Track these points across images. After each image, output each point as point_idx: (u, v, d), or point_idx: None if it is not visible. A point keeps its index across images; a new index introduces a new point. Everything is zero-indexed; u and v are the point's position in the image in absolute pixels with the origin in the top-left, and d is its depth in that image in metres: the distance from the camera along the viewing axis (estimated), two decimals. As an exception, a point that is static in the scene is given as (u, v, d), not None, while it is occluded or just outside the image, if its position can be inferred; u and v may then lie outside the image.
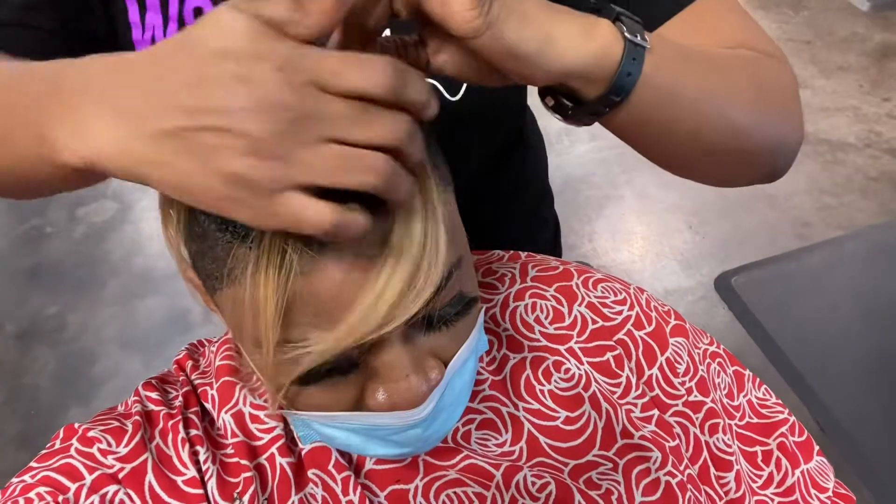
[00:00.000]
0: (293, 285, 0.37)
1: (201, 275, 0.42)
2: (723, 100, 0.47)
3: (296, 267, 0.36)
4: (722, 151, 0.49)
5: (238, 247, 0.37)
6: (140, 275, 1.95)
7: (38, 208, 2.13)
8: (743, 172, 0.53)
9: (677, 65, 0.45)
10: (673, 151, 0.50)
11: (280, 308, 0.37)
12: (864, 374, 0.94)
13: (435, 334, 0.42)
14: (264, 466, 0.49)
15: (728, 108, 0.47)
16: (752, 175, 0.54)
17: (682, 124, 0.46)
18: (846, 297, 1.01)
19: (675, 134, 0.47)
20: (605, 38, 0.40)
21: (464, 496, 0.49)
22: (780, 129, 0.51)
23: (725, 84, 0.47)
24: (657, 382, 0.55)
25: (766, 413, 0.59)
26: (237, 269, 0.38)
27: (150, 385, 0.52)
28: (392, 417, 0.42)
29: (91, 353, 1.77)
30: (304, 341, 0.38)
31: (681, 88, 0.44)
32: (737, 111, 0.47)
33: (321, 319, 0.38)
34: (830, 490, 0.58)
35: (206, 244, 0.39)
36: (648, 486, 0.50)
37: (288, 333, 0.38)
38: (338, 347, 0.38)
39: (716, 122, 0.47)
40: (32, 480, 0.44)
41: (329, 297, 0.37)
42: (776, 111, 0.50)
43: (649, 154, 0.50)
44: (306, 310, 0.37)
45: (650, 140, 0.48)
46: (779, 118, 0.50)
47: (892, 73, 2.40)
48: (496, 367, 0.54)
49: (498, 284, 0.58)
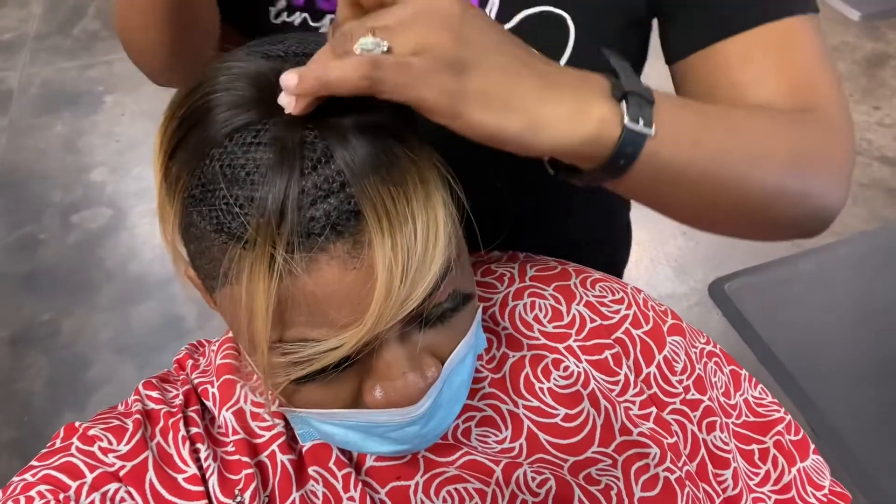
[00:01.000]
0: (286, 285, 0.37)
1: (200, 274, 0.43)
2: (746, 168, 0.44)
3: (288, 267, 0.36)
4: (744, 216, 0.48)
5: (233, 247, 0.37)
6: (134, 281, 1.94)
7: (32, 215, 2.12)
8: (769, 233, 0.52)
9: (690, 139, 0.42)
10: (686, 216, 0.48)
11: (272, 307, 0.37)
12: (858, 379, 0.95)
13: (431, 331, 0.42)
14: (265, 464, 0.49)
15: (751, 176, 0.45)
16: (780, 236, 0.52)
17: (695, 194, 0.45)
18: (839, 303, 1.01)
19: (686, 202, 0.46)
20: (600, 121, 0.38)
21: (464, 492, 0.49)
22: (813, 195, 0.48)
23: (752, 151, 0.45)
24: (655, 380, 0.55)
25: (762, 412, 0.59)
26: (232, 269, 0.38)
27: (150, 384, 0.52)
28: (389, 414, 0.42)
29: (85, 359, 1.76)
30: (301, 342, 0.38)
31: (692, 163, 0.42)
32: (762, 178, 0.45)
33: (316, 319, 0.38)
34: (826, 488, 0.58)
35: (202, 245, 0.40)
36: (647, 482, 0.51)
37: (283, 333, 0.39)
38: (339, 353, 0.38)
39: (735, 190, 0.45)
40: (33, 479, 0.44)
41: (323, 296, 0.37)
42: (811, 177, 0.48)
43: (664, 213, 0.48)
44: (301, 309, 0.38)
45: (658, 205, 0.47)
46: (814, 184, 0.48)
47: (882, 81, 2.43)
48: (496, 366, 0.54)
49: (497, 284, 0.59)
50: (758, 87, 0.51)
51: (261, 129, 0.38)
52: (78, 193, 2.19)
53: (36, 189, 2.20)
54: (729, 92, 0.51)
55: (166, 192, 0.42)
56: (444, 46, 0.35)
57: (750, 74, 0.51)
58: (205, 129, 0.39)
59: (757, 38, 0.51)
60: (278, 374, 0.40)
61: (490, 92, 0.36)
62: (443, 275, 0.39)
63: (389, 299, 0.37)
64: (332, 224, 0.36)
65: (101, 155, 2.32)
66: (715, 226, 0.50)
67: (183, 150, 0.40)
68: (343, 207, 0.36)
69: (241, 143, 0.37)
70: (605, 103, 0.39)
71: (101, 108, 2.50)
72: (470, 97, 0.35)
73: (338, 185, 0.37)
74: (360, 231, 0.37)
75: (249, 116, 0.38)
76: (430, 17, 0.35)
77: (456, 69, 0.35)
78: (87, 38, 2.82)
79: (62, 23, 2.91)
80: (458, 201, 0.42)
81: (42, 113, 2.48)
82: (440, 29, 0.35)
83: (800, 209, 0.48)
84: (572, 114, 0.38)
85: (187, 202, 0.40)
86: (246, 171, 0.37)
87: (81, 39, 2.82)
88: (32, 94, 2.56)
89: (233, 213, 0.37)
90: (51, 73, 2.66)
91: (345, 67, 0.34)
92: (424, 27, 0.35)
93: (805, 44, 0.51)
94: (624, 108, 0.39)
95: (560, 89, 0.38)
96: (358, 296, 0.37)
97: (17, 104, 2.52)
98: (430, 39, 0.34)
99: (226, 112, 0.38)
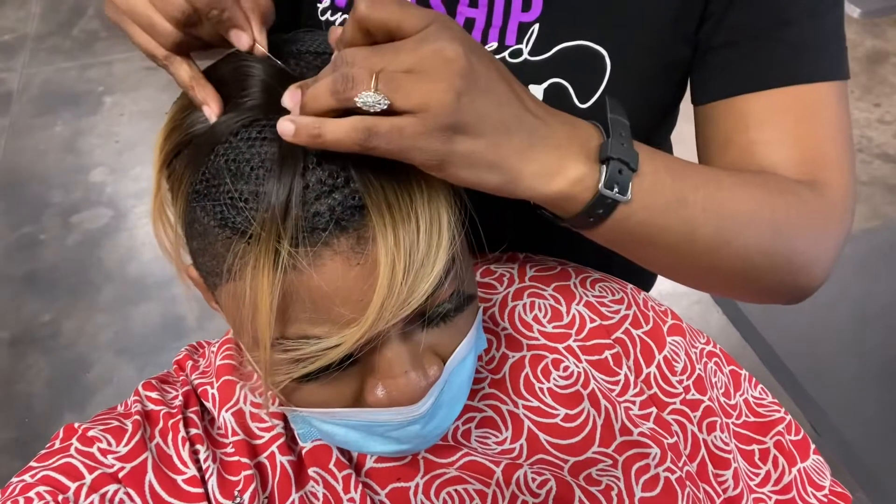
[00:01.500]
0: (290, 280, 0.37)
1: (202, 271, 0.43)
2: (723, 237, 0.46)
3: (293, 262, 0.36)
4: (718, 281, 0.49)
5: (237, 243, 0.38)
6: (134, 281, 1.94)
7: (31, 215, 2.13)
8: (745, 297, 0.53)
9: (666, 207, 0.44)
10: (662, 271, 0.50)
11: (276, 302, 0.37)
12: (859, 377, 0.95)
13: (433, 330, 0.42)
14: (265, 465, 0.49)
15: (729, 245, 0.46)
16: (757, 300, 0.53)
17: (670, 255, 0.46)
18: (840, 301, 1.01)
19: (662, 261, 0.48)
20: (575, 182, 0.40)
21: (464, 494, 0.49)
22: (794, 268, 0.49)
23: (733, 221, 0.46)
24: (655, 380, 0.55)
25: (762, 412, 0.59)
26: (236, 264, 0.38)
27: (149, 385, 0.52)
28: (391, 413, 0.42)
29: (85, 359, 1.76)
30: (303, 339, 0.38)
31: (667, 228, 0.44)
32: (739, 248, 0.46)
33: (319, 316, 0.38)
34: (827, 488, 0.58)
35: (206, 241, 0.40)
36: (648, 482, 0.51)
37: (285, 330, 0.39)
38: (341, 350, 0.38)
39: (710, 257, 0.46)
40: (32, 480, 0.44)
41: (326, 292, 0.37)
42: (794, 251, 0.48)
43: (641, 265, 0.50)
44: (304, 305, 0.38)
45: (634, 258, 0.48)
46: (796, 259, 0.49)
47: (882, 78, 2.43)
48: (495, 366, 0.54)
49: (496, 284, 0.59)
50: (769, 150, 0.51)
51: (266, 125, 0.38)
52: (77, 194, 2.19)
53: (36, 190, 2.21)
54: (742, 148, 0.52)
55: (169, 189, 0.42)
56: (444, 108, 0.35)
57: (766, 135, 0.51)
58: (210, 127, 0.39)
59: (782, 98, 0.51)
60: (280, 372, 0.40)
61: (475, 156, 0.37)
62: (445, 274, 0.39)
63: (391, 296, 0.37)
64: (337, 219, 0.36)
65: (100, 155, 2.32)
66: (689, 283, 0.52)
67: (188, 147, 0.40)
68: (347, 202, 0.37)
69: (246, 138, 0.38)
70: (584, 165, 0.41)
71: (100, 109, 2.50)
72: (455, 160, 0.37)
73: (342, 180, 0.37)
74: (364, 226, 0.37)
75: (255, 114, 0.38)
76: (436, 72, 0.35)
77: (448, 132, 0.36)
78: (86, 39, 2.82)
79: (61, 23, 2.91)
80: (462, 203, 0.42)
81: (42, 113, 2.48)
82: (443, 85, 0.35)
83: (778, 280, 0.49)
84: (549, 172, 0.40)
85: (191, 198, 0.40)
86: (251, 166, 0.37)
87: (81, 39, 2.82)
88: (32, 95, 2.56)
89: (237, 207, 0.37)
90: (50, 73, 2.66)
91: (339, 132, 0.35)
92: (428, 84, 0.35)
93: (827, 115, 0.51)
94: (603, 173, 0.41)
95: (543, 146, 0.40)
96: (361, 291, 0.37)
97: (16, 105, 2.52)
98: (432, 99, 0.35)
99: (232, 111, 0.39)
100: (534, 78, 0.55)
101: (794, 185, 0.49)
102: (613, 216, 0.42)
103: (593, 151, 0.41)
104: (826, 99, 0.51)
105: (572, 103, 0.55)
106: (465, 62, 0.35)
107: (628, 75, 0.55)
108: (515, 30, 0.55)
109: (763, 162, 0.51)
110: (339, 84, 0.35)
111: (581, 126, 0.42)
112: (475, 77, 0.36)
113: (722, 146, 0.54)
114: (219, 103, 0.40)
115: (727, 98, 0.53)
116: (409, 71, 0.35)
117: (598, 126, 0.43)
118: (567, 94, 0.55)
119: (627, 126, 0.43)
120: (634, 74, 0.55)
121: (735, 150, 0.52)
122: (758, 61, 0.52)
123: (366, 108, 0.35)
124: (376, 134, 0.34)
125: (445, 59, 0.35)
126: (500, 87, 0.38)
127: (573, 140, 0.41)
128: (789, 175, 0.50)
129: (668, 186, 0.44)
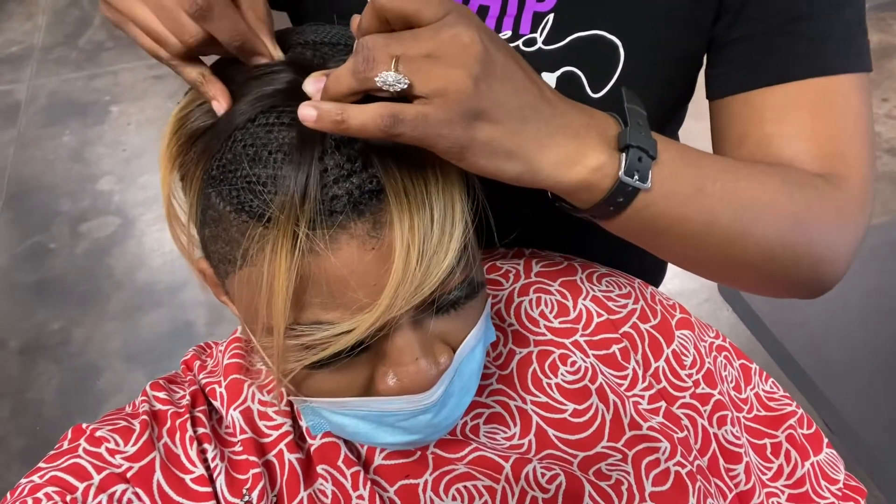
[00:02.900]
0: (307, 263, 0.37)
1: (213, 260, 0.43)
2: (741, 228, 0.45)
3: (310, 245, 0.37)
4: (736, 272, 0.49)
5: (254, 226, 0.38)
6: (143, 289, 1.95)
7: (40, 224, 2.14)
8: (763, 290, 0.52)
9: (685, 196, 0.43)
10: (678, 262, 0.50)
11: (293, 285, 0.37)
12: (871, 374, 0.94)
13: (443, 319, 0.42)
14: (273, 463, 0.49)
15: (746, 236, 0.45)
16: (775, 293, 0.52)
17: (687, 245, 0.46)
18: (850, 297, 1.00)
19: (679, 251, 0.47)
20: (595, 170, 0.40)
21: (473, 490, 0.49)
22: (812, 261, 0.48)
23: (750, 213, 0.45)
24: (664, 374, 0.55)
25: (773, 406, 0.58)
26: (252, 248, 0.38)
27: (157, 385, 0.52)
28: (402, 402, 0.42)
29: (95, 367, 1.77)
30: (316, 324, 0.38)
31: (685, 218, 0.44)
32: (757, 240, 0.46)
33: (332, 301, 0.38)
34: (841, 482, 0.57)
35: (220, 227, 0.40)
36: (658, 477, 0.50)
37: (298, 316, 0.39)
38: (352, 336, 0.38)
39: (728, 248, 0.46)
40: (41, 480, 0.44)
41: (342, 275, 0.37)
42: (813, 243, 0.48)
43: (658, 255, 0.50)
44: (318, 290, 0.38)
45: (651, 248, 0.48)
46: (814, 250, 0.48)
47: (889, 73, 2.41)
48: (503, 362, 0.54)
49: (503, 280, 0.58)
50: (786, 143, 0.50)
51: (284, 111, 0.38)
52: (86, 203, 2.20)
53: (44, 199, 2.22)
54: (758, 142, 0.51)
55: (181, 178, 0.42)
56: (463, 94, 0.35)
57: (783, 129, 0.51)
58: (227, 114, 0.39)
59: (800, 91, 0.51)
60: (291, 360, 0.40)
61: (495, 143, 0.37)
62: (457, 261, 0.39)
63: (405, 282, 0.37)
64: (355, 202, 0.37)
65: (107, 164, 2.33)
66: (706, 274, 0.51)
67: (204, 135, 0.41)
68: (365, 187, 0.37)
69: (264, 124, 0.38)
70: (603, 153, 0.41)
71: (107, 118, 2.51)
72: (476, 148, 0.37)
73: (360, 164, 0.37)
74: (381, 211, 0.37)
75: (273, 100, 0.39)
76: (453, 56, 0.35)
77: (468, 119, 0.36)
78: (92, 49, 2.84)
79: (68, 34, 2.94)
80: (474, 193, 0.42)
81: (49, 124, 2.50)
82: (461, 71, 0.35)
83: (796, 273, 0.49)
84: (569, 160, 0.40)
85: (206, 184, 0.40)
86: (269, 151, 0.37)
87: (87, 50, 2.84)
88: (39, 106, 2.58)
89: (255, 191, 0.37)
90: (57, 84, 2.68)
91: (364, 118, 0.34)
92: (446, 68, 0.35)
93: (847, 107, 0.51)
94: (622, 161, 0.41)
95: (562, 135, 0.40)
96: (376, 276, 0.37)
97: (24, 116, 2.54)
98: (450, 84, 0.35)
99: (250, 98, 0.39)
100: (547, 66, 0.55)
101: (812, 177, 0.49)
102: (633, 205, 0.42)
103: (612, 140, 0.41)
104: (845, 92, 0.51)
105: (584, 92, 0.55)
106: (482, 49, 0.35)
107: (641, 66, 0.54)
108: (530, 19, 0.55)
109: (780, 155, 0.51)
110: (360, 65, 0.35)
111: (598, 115, 0.42)
112: (493, 64, 0.36)
113: (738, 141, 0.53)
114: (228, 99, 0.40)
115: (744, 92, 0.52)
116: (428, 56, 0.35)
117: (615, 116, 0.43)
118: (580, 82, 0.55)
119: (644, 115, 0.43)
120: (647, 66, 0.54)
121: (751, 144, 0.52)
122: (775, 55, 0.51)
123: (385, 88, 0.35)
124: (402, 121, 0.34)
125: (463, 45, 0.35)
126: (518, 76, 0.38)
127: (591, 129, 0.41)
128: (807, 168, 0.50)
129: (686, 175, 0.44)
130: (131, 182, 2.26)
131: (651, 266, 0.81)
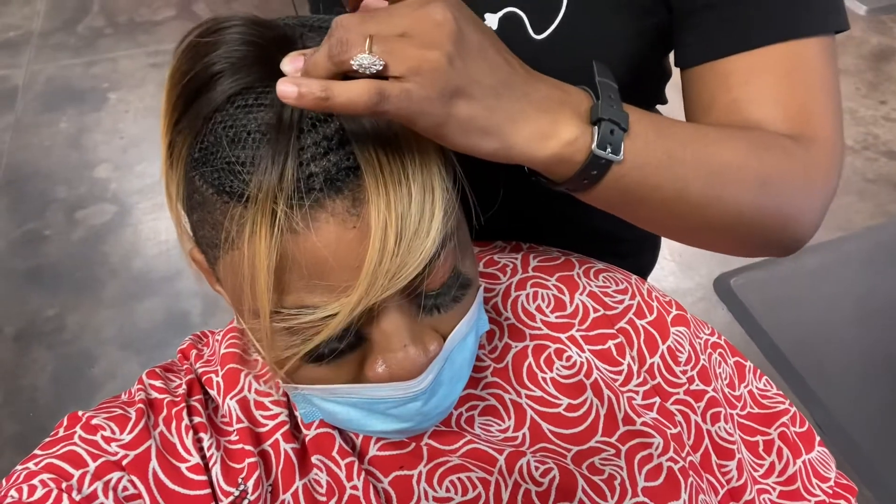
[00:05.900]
0: (287, 241, 0.37)
1: (203, 246, 0.43)
2: (713, 192, 0.46)
3: (289, 224, 0.37)
4: (711, 234, 0.49)
5: (234, 206, 0.38)
6: (139, 277, 1.94)
7: (36, 211, 2.13)
8: (738, 251, 0.53)
9: (658, 165, 0.44)
10: (656, 228, 0.51)
11: (273, 264, 0.37)
12: (863, 374, 0.94)
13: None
14: (268, 452, 0.49)
15: (718, 200, 0.46)
16: (750, 254, 0.53)
17: (663, 213, 0.47)
18: (844, 298, 1.01)
19: (655, 218, 0.48)
20: (568, 144, 0.41)
21: (467, 482, 0.49)
22: (783, 219, 0.49)
23: (721, 176, 0.46)
24: (658, 370, 0.55)
25: (767, 403, 0.59)
26: (234, 230, 0.38)
27: (153, 373, 0.52)
28: (392, 389, 0.42)
29: (90, 354, 1.77)
30: (300, 308, 0.38)
31: (659, 186, 0.45)
32: (729, 203, 0.47)
33: (315, 283, 0.38)
34: (832, 480, 0.58)
35: (205, 210, 0.40)
36: (651, 472, 0.50)
37: (282, 299, 0.39)
38: (337, 320, 0.38)
39: (702, 212, 0.47)
40: (36, 467, 0.44)
41: (323, 255, 0.37)
42: (782, 203, 0.49)
43: (636, 224, 0.50)
44: (300, 272, 0.38)
45: (629, 218, 0.49)
46: (785, 210, 0.49)
47: (888, 76, 2.42)
48: (498, 356, 0.54)
49: (500, 274, 0.58)
50: (754, 107, 0.51)
51: (262, 91, 0.38)
52: (82, 190, 2.19)
53: (41, 185, 2.21)
54: (725, 107, 0.52)
55: (170, 165, 0.42)
56: (437, 72, 0.35)
57: (750, 93, 0.51)
58: (207, 95, 0.39)
59: (763, 57, 0.51)
60: (280, 347, 0.40)
61: (471, 120, 0.38)
62: (441, 246, 0.39)
63: (384, 261, 0.37)
64: (332, 179, 0.37)
65: (105, 152, 2.32)
66: (683, 239, 0.52)
67: (186, 117, 0.41)
68: (342, 164, 0.37)
69: (241, 105, 0.38)
70: (576, 127, 0.41)
71: (105, 105, 2.50)
72: (453, 125, 0.37)
73: (337, 142, 0.37)
74: (359, 188, 0.37)
75: (250, 81, 0.39)
76: (426, 34, 0.35)
77: (446, 97, 0.36)
78: (91, 35, 2.83)
79: (67, 20, 2.92)
80: (458, 183, 0.42)
81: (47, 110, 2.49)
82: (434, 49, 0.35)
83: (768, 232, 0.50)
84: (542, 135, 0.40)
85: (189, 167, 0.40)
86: (247, 132, 0.38)
87: (86, 36, 2.83)
88: (37, 92, 2.57)
89: (234, 172, 0.37)
90: (55, 70, 2.67)
91: (350, 94, 0.34)
92: (419, 47, 0.35)
93: (813, 69, 0.51)
94: (595, 135, 0.41)
95: (535, 110, 0.40)
96: (357, 256, 0.37)
97: (21, 101, 2.53)
98: (424, 62, 0.35)
99: (227, 78, 0.39)
100: (489, 6, 0.55)
101: (779, 138, 0.49)
102: (607, 177, 0.43)
103: (584, 114, 0.42)
104: (813, 54, 0.51)
105: (527, 34, 0.55)
106: (455, 26, 0.36)
107: (585, 10, 0.54)
108: None
109: (749, 119, 0.51)
110: (335, 48, 0.35)
111: (571, 90, 0.43)
112: (466, 42, 0.37)
113: (706, 108, 0.53)
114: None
115: (712, 61, 0.53)
116: (403, 35, 0.35)
117: (587, 90, 0.44)
118: (522, 23, 0.55)
119: (616, 89, 0.43)
120: (591, 10, 0.54)
121: (719, 109, 0.52)
122: (737, 23, 0.51)
123: (361, 70, 0.35)
124: (387, 98, 0.34)
125: (436, 23, 0.35)
126: (491, 53, 0.38)
127: (564, 103, 0.41)
128: (774, 131, 0.50)
129: (658, 145, 0.44)
130: (128, 170, 2.26)
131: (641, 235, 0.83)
